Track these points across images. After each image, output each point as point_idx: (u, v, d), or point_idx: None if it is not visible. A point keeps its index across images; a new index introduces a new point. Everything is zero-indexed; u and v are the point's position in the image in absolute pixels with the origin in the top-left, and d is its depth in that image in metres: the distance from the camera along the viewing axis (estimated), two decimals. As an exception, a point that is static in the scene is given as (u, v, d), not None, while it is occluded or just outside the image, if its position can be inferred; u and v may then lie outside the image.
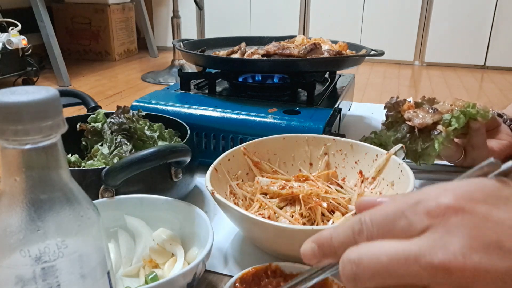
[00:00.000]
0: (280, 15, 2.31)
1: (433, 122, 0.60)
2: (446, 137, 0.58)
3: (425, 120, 0.60)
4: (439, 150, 0.58)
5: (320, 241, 0.30)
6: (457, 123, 0.58)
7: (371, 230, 0.27)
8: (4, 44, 1.47)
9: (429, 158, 0.60)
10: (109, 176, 0.51)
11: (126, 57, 2.29)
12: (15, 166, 0.24)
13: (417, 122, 0.60)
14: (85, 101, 0.81)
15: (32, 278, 0.24)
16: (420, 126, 0.60)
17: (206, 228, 0.47)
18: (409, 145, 0.62)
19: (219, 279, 0.51)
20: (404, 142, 0.62)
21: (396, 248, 0.25)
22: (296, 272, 0.45)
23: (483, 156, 0.61)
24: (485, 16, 2.04)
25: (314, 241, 0.30)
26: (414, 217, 0.26)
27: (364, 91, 1.57)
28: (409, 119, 0.61)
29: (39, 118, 0.23)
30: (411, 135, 0.62)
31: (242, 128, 0.73)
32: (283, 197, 0.56)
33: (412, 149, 0.62)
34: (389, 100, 0.65)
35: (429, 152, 0.59)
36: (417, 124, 0.60)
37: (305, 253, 0.30)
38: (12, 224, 0.24)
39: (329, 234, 0.29)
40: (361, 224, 0.28)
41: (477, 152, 0.60)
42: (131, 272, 0.48)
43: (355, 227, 0.28)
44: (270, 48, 0.84)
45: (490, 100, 1.49)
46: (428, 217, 0.25)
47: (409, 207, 0.26)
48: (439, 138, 0.58)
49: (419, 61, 2.21)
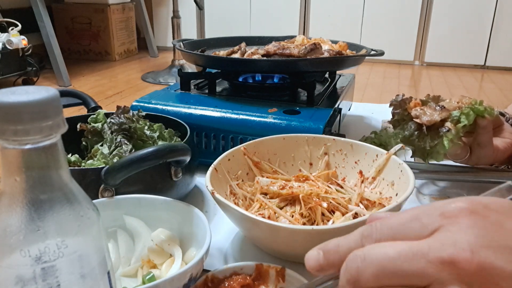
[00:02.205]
0: (280, 15, 2.31)
1: (441, 119, 0.59)
2: (455, 134, 0.58)
3: (433, 118, 0.59)
4: (448, 147, 0.57)
5: (326, 248, 0.28)
6: (467, 119, 0.58)
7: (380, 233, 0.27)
8: (4, 44, 1.47)
9: (438, 156, 0.60)
10: (109, 176, 0.51)
11: (126, 57, 2.29)
12: (15, 166, 0.24)
13: (425, 120, 0.59)
14: (85, 101, 0.81)
15: (32, 278, 0.24)
16: (429, 123, 0.59)
17: (204, 229, 0.47)
18: (417, 143, 0.61)
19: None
20: (412, 140, 0.61)
21: (405, 245, 0.25)
22: (229, 273, 0.45)
23: (488, 154, 0.60)
24: (485, 16, 2.04)
25: (320, 248, 0.29)
26: (428, 219, 0.26)
27: (364, 91, 1.57)
28: (417, 117, 0.61)
29: (39, 118, 0.23)
30: (419, 133, 0.61)
31: (242, 128, 0.73)
32: (283, 197, 0.56)
33: (421, 147, 0.61)
34: (395, 98, 0.65)
35: (438, 150, 0.59)
36: (425, 122, 0.59)
37: (309, 259, 0.29)
38: (12, 224, 0.24)
39: (336, 241, 0.28)
40: (371, 228, 0.27)
41: (483, 150, 0.60)
42: (130, 272, 0.48)
43: (364, 232, 0.27)
44: (270, 48, 0.84)
45: (490, 100, 1.49)
46: (441, 218, 0.26)
47: (425, 212, 0.26)
48: (449, 136, 0.58)
49: (419, 61, 2.21)
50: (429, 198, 0.66)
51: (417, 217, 0.26)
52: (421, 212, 0.27)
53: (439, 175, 0.69)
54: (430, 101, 0.64)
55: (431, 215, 0.26)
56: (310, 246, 0.48)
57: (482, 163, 0.63)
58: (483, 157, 0.61)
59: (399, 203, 0.48)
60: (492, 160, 0.63)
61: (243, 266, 0.46)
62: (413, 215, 0.27)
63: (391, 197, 0.57)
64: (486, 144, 0.60)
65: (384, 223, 0.27)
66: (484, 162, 0.62)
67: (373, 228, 0.27)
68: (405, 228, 0.26)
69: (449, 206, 0.26)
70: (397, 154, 0.59)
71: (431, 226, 0.26)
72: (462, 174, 0.68)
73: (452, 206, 0.26)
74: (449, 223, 0.25)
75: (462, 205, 0.26)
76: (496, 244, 0.24)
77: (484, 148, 0.60)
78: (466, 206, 0.25)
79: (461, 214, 0.25)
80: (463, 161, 0.63)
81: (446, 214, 0.26)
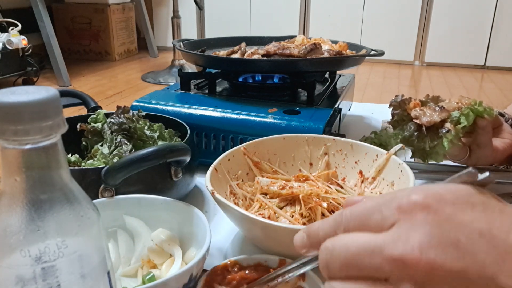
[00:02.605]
0: (280, 15, 2.31)
1: (440, 120, 0.59)
2: (455, 135, 0.58)
3: (433, 118, 0.59)
4: (448, 148, 0.57)
5: (309, 231, 0.32)
6: (466, 120, 0.58)
7: (348, 222, 0.29)
8: (4, 44, 1.47)
9: (437, 157, 0.60)
10: (109, 175, 0.51)
11: (126, 57, 2.29)
12: (15, 166, 0.24)
13: (425, 120, 0.59)
14: (85, 101, 0.81)
15: (32, 278, 0.24)
16: (428, 124, 0.59)
17: (204, 229, 0.47)
18: (416, 144, 0.61)
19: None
20: (411, 141, 0.61)
21: (365, 240, 0.27)
22: (253, 263, 0.47)
23: (487, 154, 0.60)
24: (485, 16, 2.04)
25: (305, 231, 0.32)
26: (387, 211, 0.27)
27: (364, 91, 1.57)
28: (417, 117, 0.61)
29: (39, 118, 0.23)
30: (418, 134, 0.61)
31: (242, 128, 0.73)
32: (283, 197, 0.56)
33: (420, 148, 0.61)
34: (394, 98, 0.65)
35: (437, 150, 0.59)
36: (425, 122, 0.59)
37: (296, 241, 0.33)
38: (12, 224, 0.24)
39: (317, 225, 0.32)
40: (341, 217, 0.29)
41: (482, 150, 0.60)
42: (130, 272, 0.48)
43: (337, 218, 0.30)
44: (270, 48, 0.84)
45: (490, 100, 1.49)
46: (398, 212, 0.27)
47: (385, 203, 0.28)
48: (448, 136, 0.58)
49: (419, 61, 2.21)
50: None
51: (379, 208, 0.28)
52: (383, 202, 0.28)
53: (439, 175, 0.69)
54: (429, 101, 0.64)
55: (390, 207, 0.27)
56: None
57: (481, 164, 0.63)
58: (482, 157, 0.61)
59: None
60: (492, 160, 0.63)
61: (267, 259, 0.47)
62: (376, 205, 0.28)
63: (391, 197, 0.57)
64: (485, 145, 0.60)
65: (353, 212, 0.29)
66: (483, 162, 0.62)
67: (343, 217, 0.29)
68: (368, 220, 0.28)
69: (405, 200, 0.27)
70: (397, 154, 0.59)
71: (389, 219, 0.27)
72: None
73: (407, 199, 0.27)
74: (404, 218, 0.26)
75: (417, 199, 0.26)
76: (446, 241, 0.24)
77: (484, 149, 0.60)
78: (421, 201, 0.26)
79: (415, 209, 0.26)
80: (462, 162, 0.63)
81: (402, 207, 0.27)
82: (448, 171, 0.70)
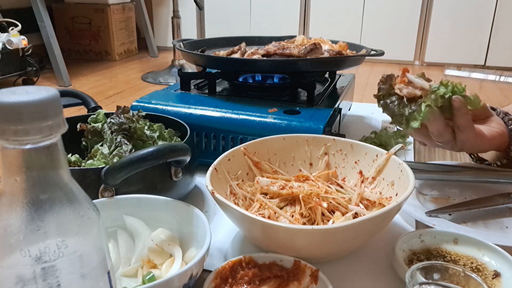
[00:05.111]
0: (280, 15, 2.31)
1: (421, 95, 0.60)
2: (434, 100, 0.58)
3: (414, 91, 0.60)
4: (425, 111, 0.57)
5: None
6: (445, 89, 0.58)
7: None
8: (4, 44, 1.47)
9: (415, 122, 0.59)
10: (109, 175, 0.51)
11: (126, 57, 2.29)
12: (15, 166, 0.24)
13: (405, 92, 0.60)
14: (85, 101, 0.81)
15: (32, 278, 0.24)
16: (409, 95, 0.60)
17: (204, 229, 0.47)
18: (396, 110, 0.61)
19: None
20: (392, 108, 0.61)
21: None
22: (268, 261, 0.47)
23: (470, 138, 0.60)
24: (485, 16, 2.04)
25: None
26: None
27: (364, 91, 1.57)
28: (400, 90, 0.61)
29: (39, 118, 0.23)
30: (399, 101, 0.62)
31: (242, 128, 0.73)
32: (283, 197, 0.56)
33: (400, 113, 0.61)
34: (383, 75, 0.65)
35: (415, 116, 0.59)
36: (405, 94, 0.60)
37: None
38: (12, 224, 0.24)
39: None
40: None
41: (464, 134, 0.60)
42: (130, 272, 0.48)
43: None
44: (270, 48, 0.84)
45: (490, 100, 1.49)
46: None
47: None
48: (426, 101, 0.58)
49: (419, 61, 2.21)
50: (429, 198, 0.66)
51: None
52: None
53: (439, 175, 0.69)
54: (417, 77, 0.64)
55: None
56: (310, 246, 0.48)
57: (468, 149, 0.63)
58: (466, 141, 0.60)
59: (399, 203, 0.48)
60: (479, 146, 0.63)
61: (283, 259, 0.47)
62: None
63: (391, 197, 0.57)
64: (465, 127, 0.59)
65: None
66: (469, 147, 0.62)
67: None
68: None
69: None
70: (397, 154, 0.59)
71: None
72: (462, 174, 0.68)
73: None
74: None
75: None
76: None
77: (464, 132, 0.60)
78: None
79: None
80: (448, 146, 0.63)
81: None
82: (449, 171, 0.70)
